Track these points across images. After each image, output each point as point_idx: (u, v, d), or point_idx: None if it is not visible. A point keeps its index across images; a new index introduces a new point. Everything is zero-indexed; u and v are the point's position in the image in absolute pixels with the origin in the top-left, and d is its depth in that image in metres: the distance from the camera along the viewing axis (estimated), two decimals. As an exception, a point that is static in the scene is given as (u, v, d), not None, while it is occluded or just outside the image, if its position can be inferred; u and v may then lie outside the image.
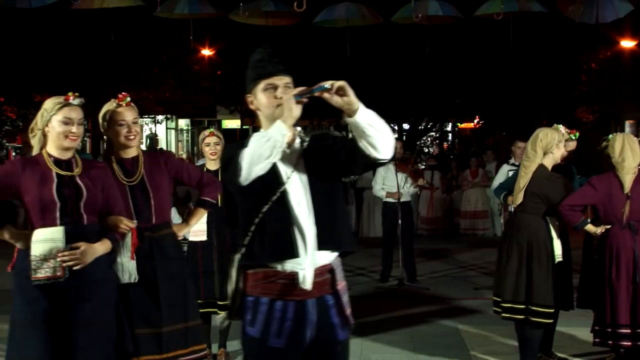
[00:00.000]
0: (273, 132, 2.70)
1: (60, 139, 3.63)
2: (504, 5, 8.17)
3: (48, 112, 3.63)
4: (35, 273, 3.50)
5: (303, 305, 2.83)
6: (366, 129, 2.70)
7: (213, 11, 8.84)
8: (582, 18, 8.22)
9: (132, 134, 4.05)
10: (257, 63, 2.93)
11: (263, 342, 2.83)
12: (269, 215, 2.80)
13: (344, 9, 8.67)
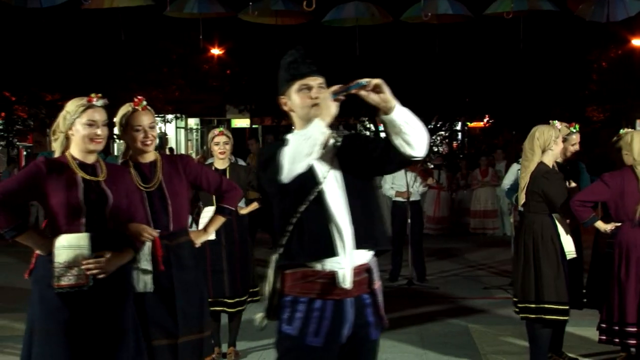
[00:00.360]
0: (312, 130, 2.70)
1: (85, 142, 3.49)
2: (514, 4, 8.15)
3: (71, 115, 3.50)
4: (59, 280, 3.36)
5: (341, 305, 2.84)
6: (402, 127, 2.72)
7: (222, 10, 8.86)
8: (593, 16, 8.19)
9: (149, 139, 3.95)
10: (291, 64, 2.95)
11: (300, 341, 2.83)
12: (307, 215, 2.80)
13: (353, 8, 8.67)
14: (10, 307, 7.49)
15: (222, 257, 5.46)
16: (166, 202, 3.93)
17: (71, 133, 3.51)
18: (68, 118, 3.50)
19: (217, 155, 5.64)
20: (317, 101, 2.83)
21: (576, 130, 5.58)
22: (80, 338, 3.38)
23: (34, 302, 3.47)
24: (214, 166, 5.65)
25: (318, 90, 2.89)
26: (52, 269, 3.36)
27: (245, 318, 5.71)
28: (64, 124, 3.52)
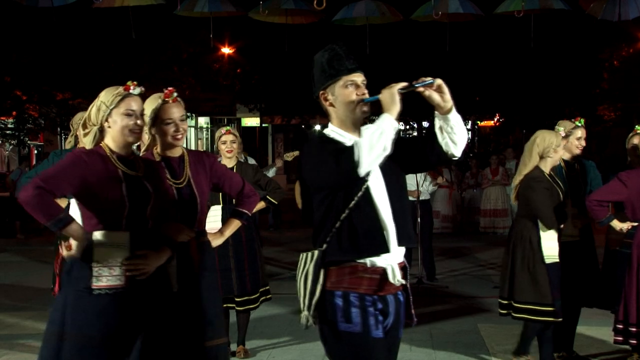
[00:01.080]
0: (385, 125, 2.77)
1: (123, 135, 3.25)
2: (525, 3, 8.12)
3: (107, 106, 3.25)
4: (97, 281, 3.14)
5: (385, 300, 2.91)
6: (454, 127, 2.85)
7: (233, 9, 8.88)
8: (604, 15, 8.15)
9: (180, 133, 3.73)
10: (334, 60, 2.97)
11: (367, 335, 2.84)
12: (355, 211, 2.84)
13: (363, 7, 8.67)
14: (20, 305, 7.54)
15: (229, 256, 5.48)
16: (195, 200, 3.73)
17: (107, 125, 3.26)
18: (103, 109, 3.25)
19: (225, 154, 5.65)
20: (364, 97, 2.91)
21: (581, 124, 5.50)
22: (118, 343, 3.18)
23: (67, 305, 3.18)
24: None
25: (363, 87, 2.96)
26: (89, 268, 3.15)
27: (254, 316, 5.71)
28: (98, 116, 3.27)
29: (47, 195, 3.06)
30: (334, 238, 2.85)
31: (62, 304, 3.19)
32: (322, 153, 2.85)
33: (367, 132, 2.77)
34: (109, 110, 3.24)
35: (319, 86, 2.99)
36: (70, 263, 3.23)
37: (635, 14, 8.11)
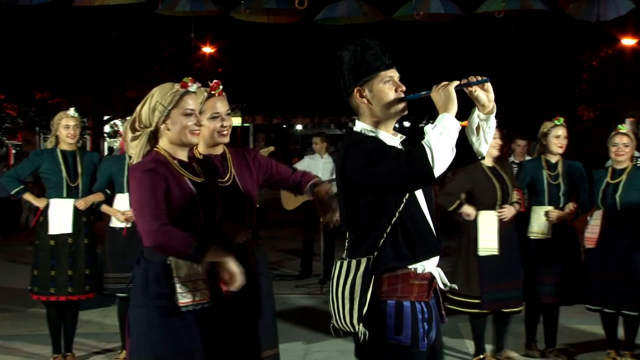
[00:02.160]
0: (449, 125, 2.66)
1: (184, 136, 2.97)
2: (506, 3, 8.16)
3: (165, 106, 2.95)
4: (182, 298, 2.89)
5: (429, 305, 2.85)
6: (491, 127, 2.88)
7: (215, 9, 8.84)
8: (583, 16, 8.22)
9: (226, 129, 3.42)
10: (370, 55, 2.89)
11: (415, 348, 2.73)
12: (406, 215, 2.74)
13: (345, 7, 8.67)
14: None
15: None
16: (242, 200, 3.46)
17: (165, 127, 2.97)
18: (160, 109, 2.95)
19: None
20: (402, 95, 2.87)
21: (560, 123, 5.56)
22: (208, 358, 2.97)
23: (151, 326, 2.90)
24: None
25: (399, 83, 2.90)
26: (171, 284, 2.89)
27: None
28: (153, 117, 2.97)
29: (170, 228, 2.79)
30: (387, 244, 2.72)
31: (146, 326, 2.91)
32: (375, 154, 2.69)
33: (433, 133, 2.62)
34: (167, 111, 2.95)
35: (353, 82, 2.87)
36: (144, 279, 2.95)
37: (613, 15, 8.19)
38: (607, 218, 5.34)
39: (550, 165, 5.53)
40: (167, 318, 2.89)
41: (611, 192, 5.33)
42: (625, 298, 5.25)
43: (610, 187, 5.35)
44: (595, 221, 5.41)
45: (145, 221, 2.80)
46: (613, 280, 5.25)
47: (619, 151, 5.34)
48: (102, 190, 5.50)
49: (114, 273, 5.46)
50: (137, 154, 2.99)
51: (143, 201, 2.84)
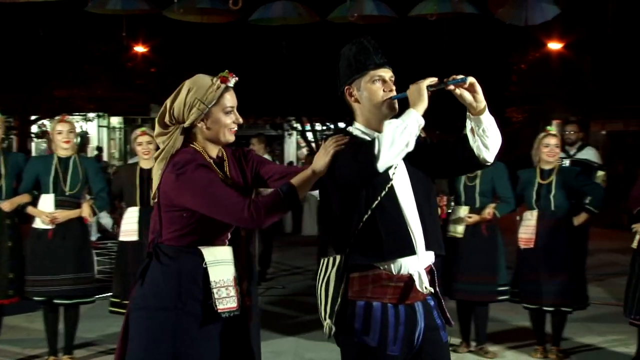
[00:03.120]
0: (409, 120, 2.62)
1: (223, 135, 2.83)
2: (438, 6, 8.29)
3: (205, 103, 2.77)
4: (220, 303, 2.74)
5: (413, 309, 2.74)
6: (487, 129, 2.71)
7: (147, 7, 8.68)
8: (512, 20, 8.41)
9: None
10: (361, 54, 2.82)
11: (382, 351, 2.68)
12: (379, 213, 2.68)
13: (280, 7, 8.65)
14: None
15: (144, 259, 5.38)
16: None
17: (203, 126, 2.80)
18: (200, 107, 2.76)
19: (141, 155, 5.55)
20: (392, 94, 2.79)
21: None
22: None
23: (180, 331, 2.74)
24: (139, 166, 5.56)
25: (390, 83, 2.83)
26: (208, 289, 2.75)
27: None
28: (191, 115, 2.78)
29: (254, 201, 2.66)
30: (357, 242, 2.68)
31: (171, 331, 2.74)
32: (345, 151, 2.68)
33: (389, 127, 2.62)
34: (207, 109, 2.78)
35: (344, 80, 2.85)
36: (175, 280, 2.76)
37: (540, 20, 8.41)
38: (541, 218, 5.48)
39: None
40: (201, 324, 2.75)
41: (545, 193, 5.48)
42: (559, 295, 5.41)
43: (544, 187, 5.50)
44: (529, 221, 5.53)
45: (232, 209, 2.63)
46: (549, 279, 5.40)
47: (550, 152, 5.49)
48: (29, 191, 5.34)
49: (34, 276, 5.31)
50: (167, 151, 2.80)
51: (213, 190, 2.66)
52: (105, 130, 30.45)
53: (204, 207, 2.69)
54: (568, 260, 5.42)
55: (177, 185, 2.72)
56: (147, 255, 2.91)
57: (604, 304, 7.44)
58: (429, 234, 2.75)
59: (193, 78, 2.86)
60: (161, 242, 2.84)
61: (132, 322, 2.83)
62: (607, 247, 11.38)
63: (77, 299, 5.45)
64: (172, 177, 2.73)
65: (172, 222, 2.80)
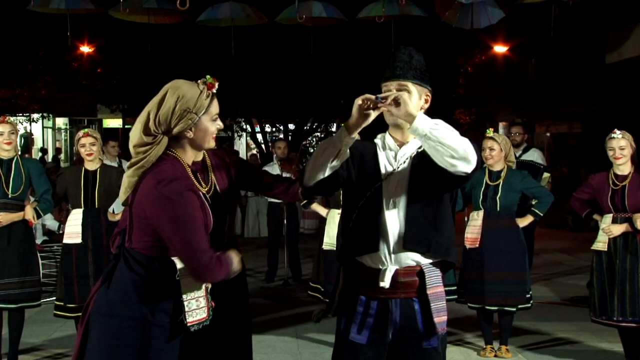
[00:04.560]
0: (334, 137, 2.70)
1: (207, 142, 2.78)
2: (386, 9, 8.36)
3: (195, 112, 2.70)
4: (190, 316, 2.70)
5: (386, 304, 2.80)
6: (427, 143, 2.62)
7: (92, 7, 8.53)
8: (458, 23, 8.53)
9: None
10: (388, 65, 2.93)
11: (345, 336, 2.84)
12: (364, 210, 2.80)
13: (228, 8, 8.60)
14: None
15: (89, 262, 5.31)
16: (223, 210, 2.95)
17: (189, 134, 2.73)
18: (190, 117, 2.69)
19: (85, 157, 5.47)
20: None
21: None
22: None
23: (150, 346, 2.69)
24: (84, 167, 5.48)
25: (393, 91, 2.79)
26: (178, 302, 2.69)
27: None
28: (180, 123, 2.70)
29: (216, 257, 2.66)
30: (348, 235, 2.86)
31: (138, 341, 2.69)
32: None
33: (320, 144, 2.75)
34: (197, 118, 2.71)
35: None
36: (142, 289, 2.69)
37: (486, 23, 8.55)
38: (487, 218, 5.58)
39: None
40: (169, 338, 2.71)
41: (491, 194, 5.58)
42: (505, 295, 5.51)
43: (490, 188, 5.60)
44: (475, 221, 5.63)
45: (197, 256, 2.60)
46: (493, 279, 5.50)
47: (487, 155, 5.62)
48: None
49: None
50: (149, 160, 2.69)
51: (189, 230, 2.59)
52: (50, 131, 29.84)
53: (174, 237, 2.62)
54: (512, 261, 5.52)
55: (157, 203, 2.63)
56: (114, 257, 2.82)
57: (550, 303, 7.60)
58: (413, 235, 2.76)
59: (177, 85, 2.76)
60: (131, 247, 2.76)
61: (94, 326, 2.74)
62: (553, 247, 11.64)
63: (23, 303, 5.33)
64: (154, 193, 2.64)
65: (144, 233, 2.73)
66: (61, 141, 31.12)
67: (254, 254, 10.89)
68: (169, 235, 2.63)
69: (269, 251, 9.07)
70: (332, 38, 14.36)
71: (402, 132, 2.89)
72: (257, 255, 10.47)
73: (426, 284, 2.80)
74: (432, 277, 2.82)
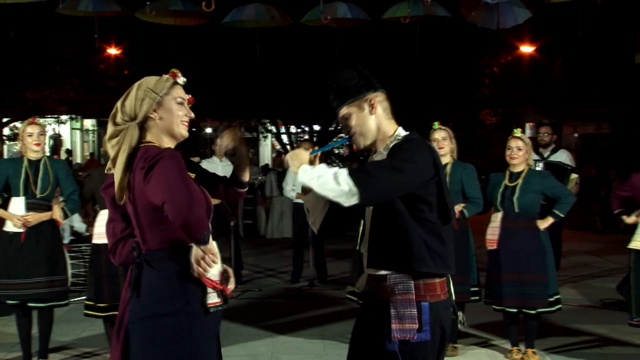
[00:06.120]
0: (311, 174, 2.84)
1: (177, 126, 2.83)
2: (410, 9, 8.33)
3: (157, 92, 2.80)
4: (210, 298, 2.77)
5: (363, 308, 3.03)
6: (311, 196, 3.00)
7: (118, 9, 8.61)
8: (484, 23, 8.47)
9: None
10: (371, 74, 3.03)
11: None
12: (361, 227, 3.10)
13: (253, 10, 8.62)
14: None
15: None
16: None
17: (156, 117, 2.80)
18: (152, 96, 2.79)
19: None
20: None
21: (436, 127, 5.79)
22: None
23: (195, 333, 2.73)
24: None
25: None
26: (202, 285, 2.75)
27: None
28: (143, 107, 2.78)
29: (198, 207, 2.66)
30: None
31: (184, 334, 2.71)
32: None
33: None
34: (158, 98, 2.79)
35: (372, 87, 3.04)
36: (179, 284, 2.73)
37: (512, 23, 8.48)
38: (505, 220, 5.54)
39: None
40: (200, 323, 2.75)
41: (509, 195, 5.54)
42: (523, 297, 5.46)
43: (508, 189, 5.56)
44: (494, 223, 5.61)
45: (179, 199, 2.54)
46: (511, 280, 5.45)
47: (512, 154, 5.57)
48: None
49: (6, 279, 5.25)
50: (125, 149, 2.74)
51: (175, 180, 2.57)
52: (78, 132, 30.17)
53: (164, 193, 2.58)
54: (530, 263, 5.46)
55: (146, 174, 2.64)
56: (136, 267, 2.81)
57: (579, 306, 7.51)
58: (372, 254, 2.89)
59: (142, 78, 2.91)
60: (148, 249, 2.78)
61: (135, 334, 2.73)
62: (581, 249, 11.51)
63: (51, 302, 5.41)
64: (142, 173, 2.67)
65: (154, 224, 2.73)
66: (89, 142, 31.45)
67: (278, 255, 10.92)
68: (163, 196, 2.58)
69: (294, 251, 9.08)
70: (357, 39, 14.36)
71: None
72: (281, 256, 10.49)
73: (389, 290, 2.83)
74: (398, 284, 2.82)
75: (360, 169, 2.75)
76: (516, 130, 5.71)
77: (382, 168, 2.72)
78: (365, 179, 2.67)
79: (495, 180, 5.69)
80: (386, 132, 2.95)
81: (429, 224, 2.81)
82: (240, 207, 13.16)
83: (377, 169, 2.72)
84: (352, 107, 2.93)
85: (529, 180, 5.54)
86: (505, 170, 5.66)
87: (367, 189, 2.66)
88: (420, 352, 2.81)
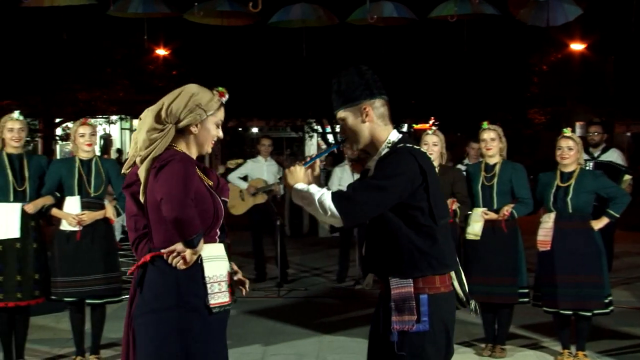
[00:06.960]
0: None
1: (208, 145, 3.00)
2: (457, 8, 8.26)
3: (205, 111, 2.94)
4: (213, 299, 2.85)
5: (378, 301, 3.06)
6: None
7: (167, 11, 8.75)
8: (533, 21, 8.35)
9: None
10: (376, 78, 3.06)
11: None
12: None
13: (299, 10, 8.66)
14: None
15: None
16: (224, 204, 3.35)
17: (194, 130, 2.95)
18: (199, 112, 2.92)
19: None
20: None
21: (485, 127, 5.71)
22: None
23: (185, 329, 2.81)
24: None
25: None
26: (203, 285, 2.85)
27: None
28: (189, 117, 2.92)
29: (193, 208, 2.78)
30: None
31: (178, 329, 2.80)
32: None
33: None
34: (205, 116, 2.94)
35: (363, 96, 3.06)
36: (174, 279, 2.83)
37: (562, 21, 8.35)
38: (558, 220, 5.45)
39: (488, 167, 5.68)
40: (199, 320, 2.83)
41: (562, 195, 5.44)
42: (580, 299, 5.36)
43: (561, 190, 5.46)
44: (547, 224, 5.51)
45: (174, 196, 2.71)
46: (567, 282, 5.36)
47: (563, 154, 5.47)
48: (52, 193, 5.41)
49: (63, 277, 5.38)
50: (160, 147, 2.89)
51: (176, 179, 2.74)
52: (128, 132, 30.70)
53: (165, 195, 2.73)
54: (586, 264, 5.35)
55: (158, 176, 2.80)
56: (141, 266, 2.94)
57: (632, 308, 7.35)
58: (368, 261, 3.07)
59: (193, 86, 3.00)
60: (153, 247, 2.91)
61: (140, 328, 2.88)
62: (634, 250, 11.23)
63: (107, 299, 5.55)
64: (154, 172, 2.83)
65: (159, 222, 2.86)
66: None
67: (324, 254, 10.94)
68: (161, 193, 2.74)
69: (340, 251, 9.08)
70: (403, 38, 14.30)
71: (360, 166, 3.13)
72: (328, 255, 10.51)
73: (387, 285, 2.94)
74: (395, 281, 2.92)
75: (343, 194, 2.86)
76: (566, 129, 5.61)
77: (363, 190, 2.85)
78: (347, 206, 2.82)
79: (545, 181, 5.60)
80: (379, 138, 3.02)
81: (423, 228, 2.90)
82: (287, 207, 13.22)
83: (358, 192, 2.84)
84: (347, 112, 3.04)
85: (582, 180, 5.44)
86: (555, 170, 5.56)
87: (348, 216, 2.83)
88: (419, 342, 2.88)
